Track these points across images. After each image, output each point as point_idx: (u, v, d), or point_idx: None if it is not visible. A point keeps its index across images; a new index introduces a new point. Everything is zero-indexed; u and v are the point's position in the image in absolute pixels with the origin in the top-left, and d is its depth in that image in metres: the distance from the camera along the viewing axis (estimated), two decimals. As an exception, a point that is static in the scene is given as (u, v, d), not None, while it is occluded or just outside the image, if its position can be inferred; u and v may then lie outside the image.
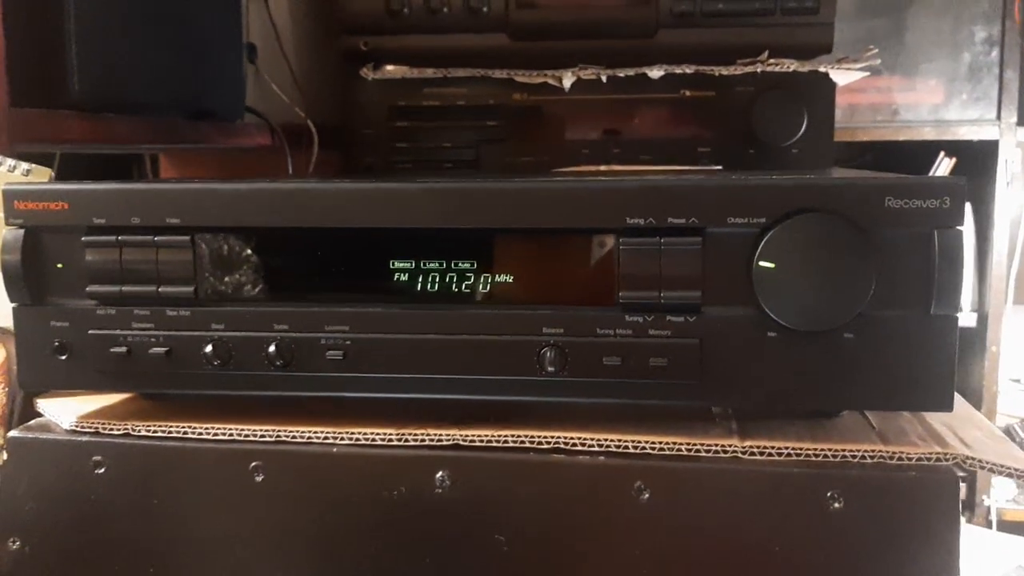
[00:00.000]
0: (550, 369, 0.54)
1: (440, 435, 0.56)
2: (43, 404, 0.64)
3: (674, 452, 0.54)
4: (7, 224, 0.58)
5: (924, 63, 1.47)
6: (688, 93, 1.02)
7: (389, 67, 1.02)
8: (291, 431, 0.58)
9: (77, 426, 0.60)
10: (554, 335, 0.54)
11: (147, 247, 0.57)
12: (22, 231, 0.58)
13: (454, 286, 0.56)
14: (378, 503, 0.56)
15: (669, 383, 0.54)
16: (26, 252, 0.58)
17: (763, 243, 0.51)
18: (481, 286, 0.55)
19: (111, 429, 0.59)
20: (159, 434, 0.59)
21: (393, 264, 0.56)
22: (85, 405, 0.63)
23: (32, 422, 0.62)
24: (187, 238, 0.56)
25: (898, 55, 1.46)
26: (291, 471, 0.57)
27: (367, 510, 0.56)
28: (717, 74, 0.98)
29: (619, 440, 0.54)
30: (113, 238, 0.57)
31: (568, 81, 1.00)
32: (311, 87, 1.18)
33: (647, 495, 0.53)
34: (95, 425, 0.60)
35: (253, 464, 0.57)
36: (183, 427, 0.59)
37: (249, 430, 0.58)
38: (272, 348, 0.56)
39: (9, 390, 0.65)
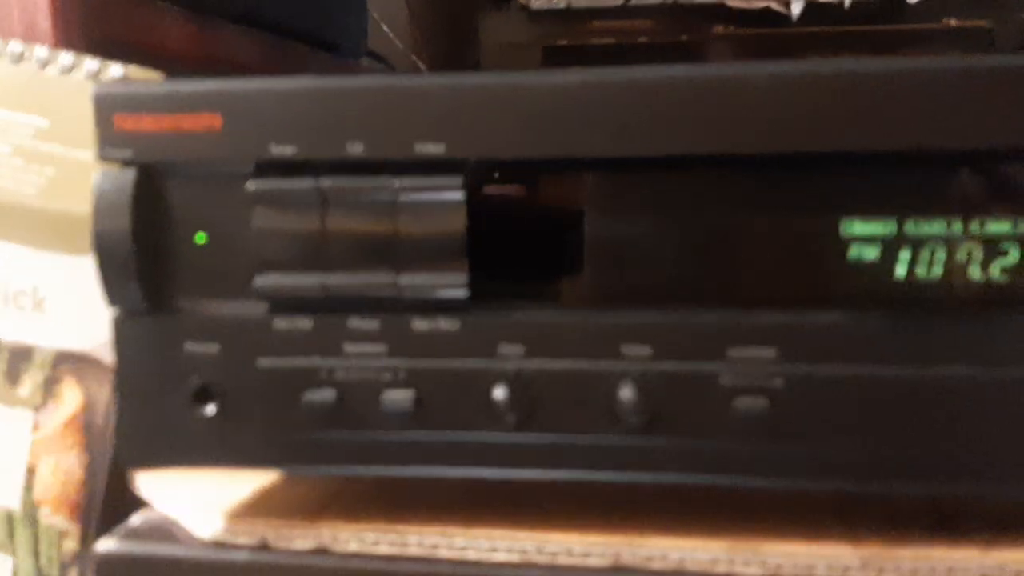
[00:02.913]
0: None
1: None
2: (148, 486, 0.36)
3: None
4: (102, 159, 0.31)
5: None
6: (954, 23, 0.77)
7: (550, -8, 0.77)
8: (641, 543, 0.31)
9: (227, 533, 0.33)
10: None
11: (378, 199, 0.29)
12: (132, 172, 0.30)
13: (980, 270, 0.29)
14: None
15: None
16: (140, 212, 0.30)
17: None
18: (1039, 269, 0.28)
19: (292, 538, 0.32)
20: (383, 548, 0.32)
21: (847, 228, 0.29)
22: (216, 488, 0.36)
23: (136, 521, 0.35)
24: (458, 180, 0.29)
25: None
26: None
27: None
28: (1002, -6, 0.73)
29: None
30: (311, 182, 0.30)
31: (797, 6, 0.75)
32: (431, 25, 0.91)
33: None
34: (258, 530, 0.33)
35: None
36: (429, 537, 0.32)
37: (560, 542, 0.31)
38: (625, 391, 0.29)
39: (89, 463, 0.37)
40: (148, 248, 0.31)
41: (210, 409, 0.31)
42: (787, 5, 0.75)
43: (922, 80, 0.28)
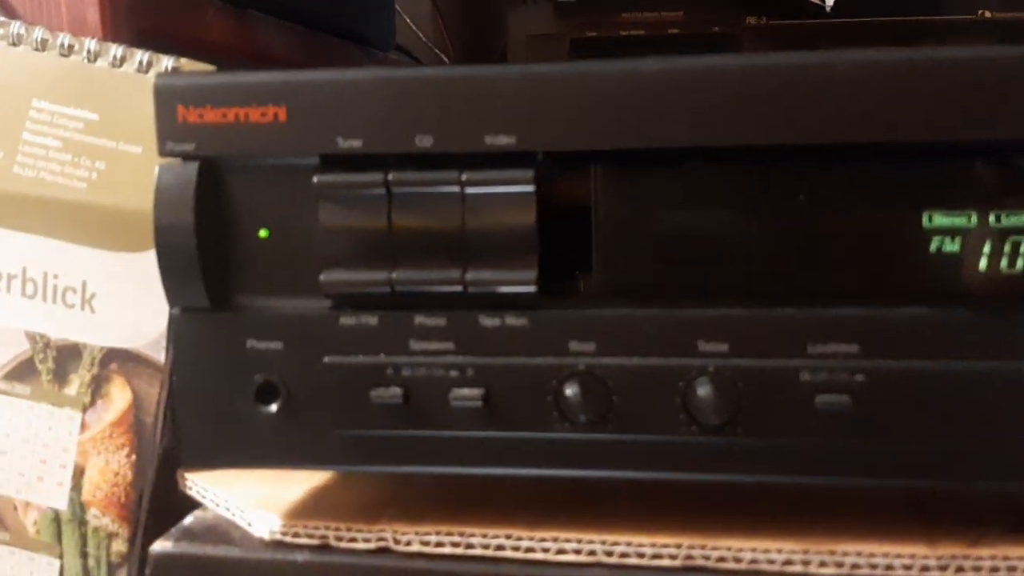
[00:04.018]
0: None
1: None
2: (199, 484, 0.36)
3: None
4: (164, 155, 0.30)
5: None
6: (990, 14, 0.76)
7: (579, -18, 0.76)
8: (712, 543, 0.30)
9: (285, 533, 0.32)
10: None
11: (446, 194, 0.29)
12: (195, 165, 0.30)
13: (1061, 264, 0.28)
14: None
15: None
16: (202, 207, 0.30)
17: None
18: (1125, 263, 0.28)
19: (353, 538, 0.32)
20: (447, 549, 0.31)
21: (929, 221, 0.28)
22: (266, 487, 0.35)
23: (190, 522, 0.35)
24: (529, 173, 0.29)
25: None
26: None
27: None
28: (1039, -17, 0.72)
29: None
30: (378, 176, 0.29)
31: (831, -5, 0.75)
32: (455, 18, 0.90)
33: None
34: (318, 530, 0.32)
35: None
36: (493, 537, 0.31)
37: (628, 543, 0.30)
38: (701, 389, 0.28)
39: (138, 463, 0.37)
40: (211, 244, 0.30)
41: (273, 408, 0.30)
42: (820, -6, 0.74)
43: (1009, 69, 0.27)
